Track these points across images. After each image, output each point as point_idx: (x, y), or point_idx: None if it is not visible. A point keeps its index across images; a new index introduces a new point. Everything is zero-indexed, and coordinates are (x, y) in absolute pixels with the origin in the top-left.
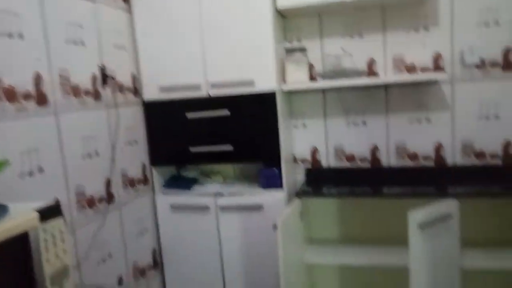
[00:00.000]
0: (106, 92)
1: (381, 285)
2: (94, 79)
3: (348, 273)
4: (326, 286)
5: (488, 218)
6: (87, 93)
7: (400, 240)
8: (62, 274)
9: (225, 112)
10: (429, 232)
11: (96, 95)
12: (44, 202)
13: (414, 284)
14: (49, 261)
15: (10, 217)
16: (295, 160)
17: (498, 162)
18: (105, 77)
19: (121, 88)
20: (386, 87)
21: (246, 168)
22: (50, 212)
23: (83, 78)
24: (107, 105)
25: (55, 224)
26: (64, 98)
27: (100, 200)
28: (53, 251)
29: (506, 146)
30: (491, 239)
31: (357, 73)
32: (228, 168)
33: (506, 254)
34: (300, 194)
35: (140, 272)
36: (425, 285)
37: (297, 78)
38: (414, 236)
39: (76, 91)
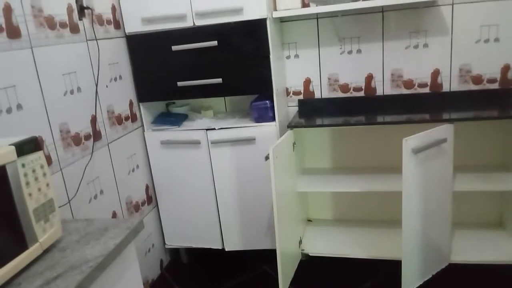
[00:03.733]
0: (85, 25)
1: (376, 210)
2: (70, 10)
3: (342, 200)
4: (319, 213)
5: (482, 142)
6: (63, 25)
7: (395, 168)
8: (47, 208)
9: (212, 43)
10: (422, 156)
11: (73, 28)
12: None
13: (406, 207)
14: (31, 195)
15: None
16: (287, 91)
17: (495, 86)
18: (82, 8)
19: (100, 20)
20: (383, 11)
21: (238, 102)
22: (27, 146)
23: (57, 9)
24: (87, 39)
25: (33, 158)
26: (38, 30)
27: (87, 137)
28: (35, 186)
29: (505, 69)
30: (484, 162)
31: None
32: (219, 103)
33: (498, 176)
34: (292, 125)
35: (135, 208)
36: (417, 208)
37: (289, 4)
38: (407, 160)
39: (50, 23)
